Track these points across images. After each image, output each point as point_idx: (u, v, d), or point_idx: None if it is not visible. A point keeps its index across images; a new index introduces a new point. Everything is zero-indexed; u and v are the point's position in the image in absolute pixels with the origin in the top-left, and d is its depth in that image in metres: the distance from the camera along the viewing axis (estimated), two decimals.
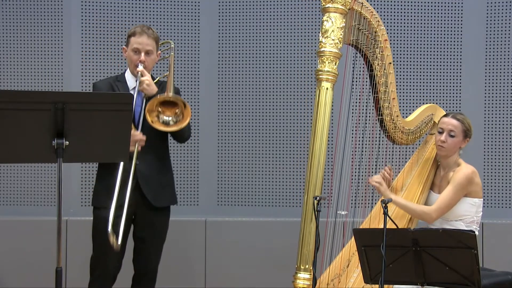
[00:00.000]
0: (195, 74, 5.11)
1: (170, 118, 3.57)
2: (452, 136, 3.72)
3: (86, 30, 4.99)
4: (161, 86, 3.78)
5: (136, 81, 3.65)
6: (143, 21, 5.03)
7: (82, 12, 4.99)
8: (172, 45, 4.01)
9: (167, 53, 4.02)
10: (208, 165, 5.10)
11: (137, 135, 3.58)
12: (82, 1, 4.99)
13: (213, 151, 5.10)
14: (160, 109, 3.54)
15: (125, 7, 5.03)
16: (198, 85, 5.11)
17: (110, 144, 2.97)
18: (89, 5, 5.00)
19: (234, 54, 5.11)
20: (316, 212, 3.31)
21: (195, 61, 5.11)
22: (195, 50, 5.11)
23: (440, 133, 3.75)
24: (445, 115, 3.81)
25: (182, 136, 3.78)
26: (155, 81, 3.76)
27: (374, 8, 4.15)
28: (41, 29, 4.99)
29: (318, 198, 3.31)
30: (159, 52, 3.86)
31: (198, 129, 5.10)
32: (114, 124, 2.92)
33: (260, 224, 4.95)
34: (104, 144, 2.97)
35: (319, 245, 3.29)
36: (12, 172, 4.98)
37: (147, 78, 3.65)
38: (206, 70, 5.11)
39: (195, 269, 4.92)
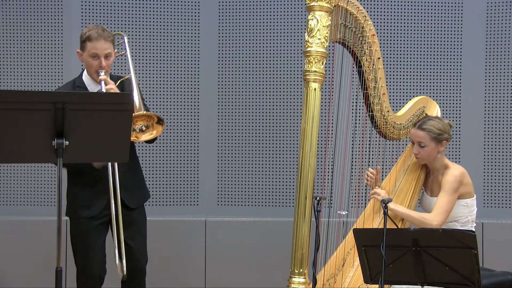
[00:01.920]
0: (195, 74, 5.11)
1: (143, 125, 3.46)
2: (422, 147, 3.71)
3: None
4: (122, 85, 3.69)
5: (100, 89, 3.53)
6: (143, 21, 5.03)
7: (82, 12, 4.99)
8: (125, 39, 3.85)
9: (123, 48, 3.84)
10: (208, 165, 5.10)
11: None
12: (82, 1, 4.99)
13: (213, 151, 5.10)
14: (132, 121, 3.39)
15: (125, 7, 5.03)
16: (198, 85, 5.11)
17: (110, 144, 2.97)
18: (89, 5, 5.00)
19: (234, 54, 5.11)
20: (316, 212, 3.30)
21: (195, 61, 5.11)
22: (195, 50, 5.11)
23: (414, 143, 3.76)
24: (413, 125, 3.78)
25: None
26: (116, 84, 3.64)
27: (373, 8, 4.16)
28: (41, 29, 4.99)
29: (318, 198, 3.31)
30: (116, 51, 3.73)
31: (198, 129, 5.10)
32: (114, 124, 2.92)
33: (260, 224, 4.95)
34: (104, 144, 2.97)
35: (319, 245, 3.28)
36: (12, 172, 4.98)
37: (111, 86, 3.54)
38: (206, 70, 5.11)
39: (195, 269, 4.91)
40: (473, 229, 3.61)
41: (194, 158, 5.10)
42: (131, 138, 3.32)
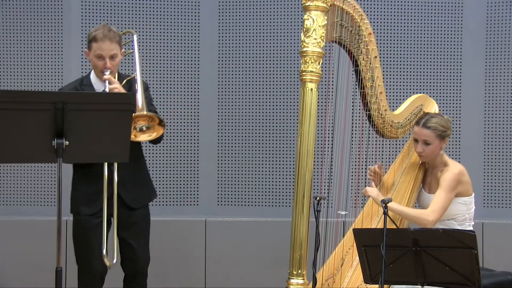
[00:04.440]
0: (195, 74, 5.11)
1: (144, 125, 3.45)
2: (427, 144, 3.69)
3: (86, 30, 4.99)
4: (129, 84, 3.66)
5: (104, 88, 3.52)
6: (143, 21, 5.03)
7: (82, 12, 4.99)
8: (134, 37, 3.81)
9: (132, 47, 3.79)
10: (208, 165, 5.10)
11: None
12: (82, 1, 4.99)
13: (213, 151, 5.10)
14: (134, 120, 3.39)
15: (125, 7, 5.03)
16: (198, 85, 5.11)
17: (110, 144, 2.98)
18: (89, 5, 5.00)
19: (234, 54, 5.12)
20: (316, 212, 3.30)
21: (195, 61, 5.11)
22: (195, 50, 5.11)
23: (416, 141, 3.73)
24: (417, 123, 3.72)
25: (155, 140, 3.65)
26: (123, 83, 3.62)
27: (374, 8, 4.16)
28: (41, 29, 4.99)
29: (318, 198, 3.30)
30: (123, 50, 3.71)
31: (198, 129, 5.10)
32: (114, 124, 2.92)
33: (260, 224, 4.95)
34: (104, 144, 2.97)
35: (319, 245, 3.28)
36: (12, 172, 4.98)
37: (115, 86, 3.52)
38: (206, 70, 5.11)
39: (195, 269, 4.91)
40: (472, 228, 3.62)
41: (194, 158, 5.10)
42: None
